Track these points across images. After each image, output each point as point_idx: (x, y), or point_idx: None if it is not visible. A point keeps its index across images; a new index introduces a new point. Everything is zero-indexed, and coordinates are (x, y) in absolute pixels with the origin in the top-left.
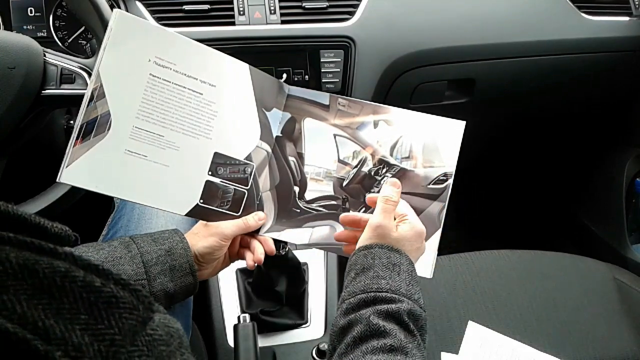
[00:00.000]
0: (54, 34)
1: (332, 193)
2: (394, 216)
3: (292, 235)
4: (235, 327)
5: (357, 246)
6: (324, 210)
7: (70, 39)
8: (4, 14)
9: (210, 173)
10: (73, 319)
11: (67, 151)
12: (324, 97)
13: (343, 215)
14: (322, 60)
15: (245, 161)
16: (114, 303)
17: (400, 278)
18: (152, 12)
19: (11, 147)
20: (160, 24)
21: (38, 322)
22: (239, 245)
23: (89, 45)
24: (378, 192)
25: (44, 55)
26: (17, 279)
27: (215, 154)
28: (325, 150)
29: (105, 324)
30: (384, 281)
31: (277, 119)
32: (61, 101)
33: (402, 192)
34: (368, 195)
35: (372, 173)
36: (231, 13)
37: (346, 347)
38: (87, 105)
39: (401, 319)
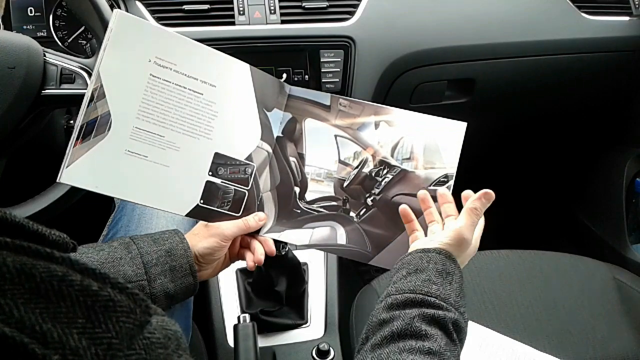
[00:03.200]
0: (54, 34)
1: (332, 194)
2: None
3: (292, 236)
4: (235, 327)
5: (425, 245)
6: (324, 211)
7: (70, 39)
8: (4, 14)
9: (210, 173)
10: (70, 322)
11: (67, 151)
12: (325, 98)
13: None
14: (322, 60)
15: (246, 161)
16: (111, 307)
17: (452, 288)
18: (152, 12)
19: (11, 147)
20: (160, 24)
21: (35, 326)
22: (239, 245)
23: (89, 45)
24: (378, 193)
25: (44, 55)
26: (14, 283)
27: (216, 154)
28: (326, 150)
29: (102, 328)
30: (435, 287)
31: (278, 119)
32: (61, 101)
33: (403, 194)
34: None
35: (373, 174)
36: (231, 13)
37: (382, 340)
38: (87, 106)
39: (446, 327)
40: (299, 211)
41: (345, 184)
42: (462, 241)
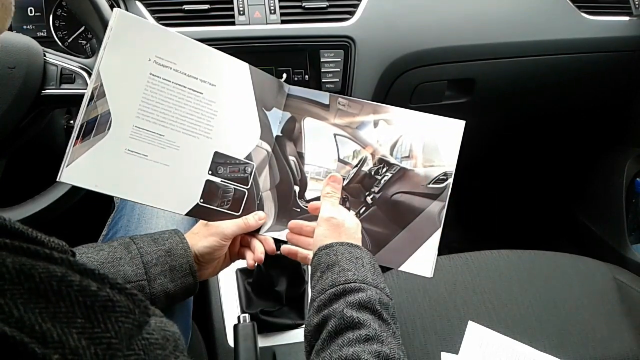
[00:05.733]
0: (54, 34)
1: None
2: None
3: None
4: (235, 327)
5: (317, 245)
6: None
7: (70, 39)
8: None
9: (210, 172)
10: (70, 322)
11: (67, 150)
12: (324, 97)
13: (292, 222)
14: (322, 60)
15: (246, 160)
16: (110, 307)
17: (365, 269)
18: (152, 12)
19: (11, 147)
20: (160, 23)
21: (35, 325)
22: (240, 244)
23: (89, 45)
24: (378, 191)
25: (44, 55)
26: (14, 284)
27: (216, 153)
28: (326, 149)
29: (101, 328)
30: (350, 273)
31: (277, 118)
32: (61, 101)
33: (403, 192)
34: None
35: (372, 172)
36: (231, 13)
37: (322, 343)
38: (87, 105)
39: (374, 308)
40: (298, 210)
41: (345, 182)
42: (335, 223)
